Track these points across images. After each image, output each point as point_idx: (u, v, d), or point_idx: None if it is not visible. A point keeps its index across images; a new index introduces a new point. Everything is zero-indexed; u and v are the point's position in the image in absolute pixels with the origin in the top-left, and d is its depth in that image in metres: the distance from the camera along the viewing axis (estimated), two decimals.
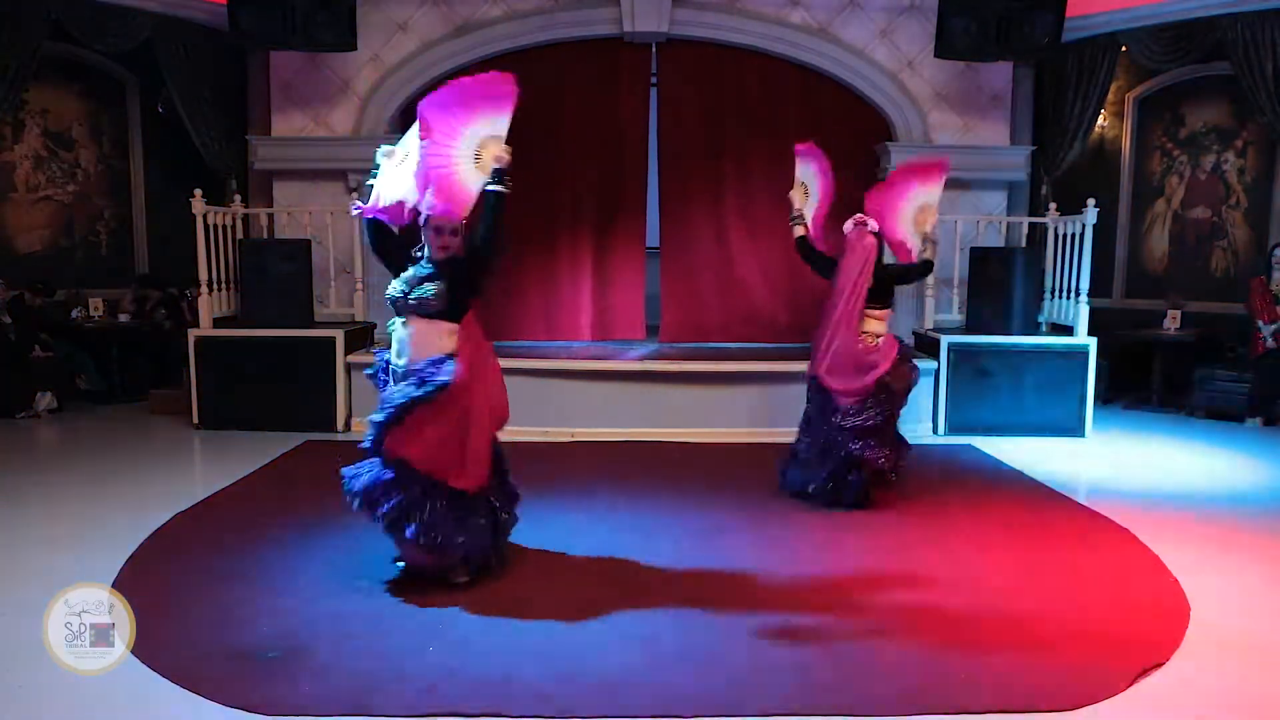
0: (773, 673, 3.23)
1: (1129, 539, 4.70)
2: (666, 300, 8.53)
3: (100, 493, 5.46)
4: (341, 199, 7.88)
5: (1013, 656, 3.36)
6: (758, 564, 4.30)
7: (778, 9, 8.08)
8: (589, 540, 4.56)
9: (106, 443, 6.84)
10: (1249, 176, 8.38)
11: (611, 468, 6.12)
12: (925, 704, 3.02)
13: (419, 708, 2.96)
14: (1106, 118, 8.93)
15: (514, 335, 8.07)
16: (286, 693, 3.05)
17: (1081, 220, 7.23)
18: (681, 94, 8.40)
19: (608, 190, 8.43)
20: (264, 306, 7.31)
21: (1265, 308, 7.53)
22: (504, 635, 3.49)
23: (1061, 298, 7.60)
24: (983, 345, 7.21)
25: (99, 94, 9.02)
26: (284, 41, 7.44)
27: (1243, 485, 5.88)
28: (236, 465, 5.98)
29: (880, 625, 3.64)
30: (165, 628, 3.47)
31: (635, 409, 6.99)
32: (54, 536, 4.64)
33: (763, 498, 5.25)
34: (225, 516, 5.00)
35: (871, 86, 8.16)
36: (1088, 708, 3.00)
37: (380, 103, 8.09)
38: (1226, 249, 8.55)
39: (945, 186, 8.18)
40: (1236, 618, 3.75)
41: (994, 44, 7.48)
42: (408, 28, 8.05)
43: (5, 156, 8.70)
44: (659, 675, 3.20)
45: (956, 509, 5.17)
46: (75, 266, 8.95)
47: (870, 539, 4.67)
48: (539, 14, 8.02)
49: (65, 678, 3.06)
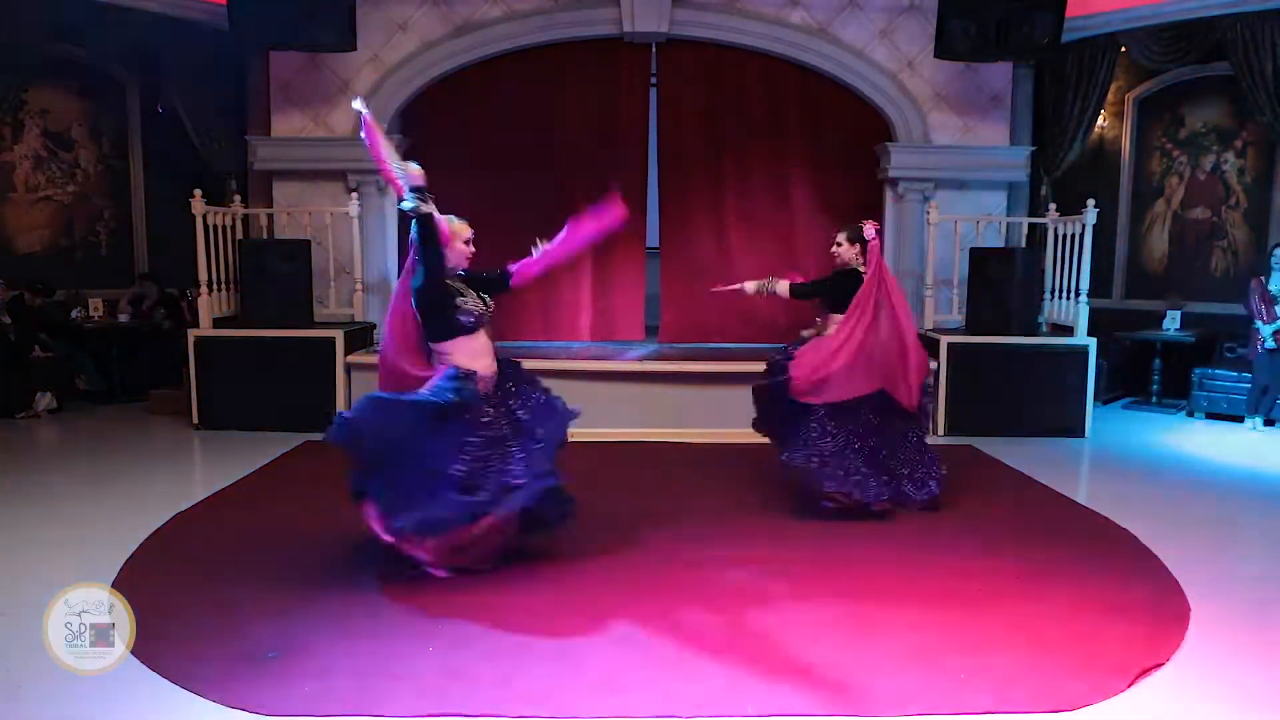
0: (773, 673, 3.23)
1: (1129, 539, 4.71)
2: (666, 300, 8.54)
3: (100, 493, 5.46)
4: (341, 199, 7.90)
5: (1013, 656, 3.36)
6: (757, 564, 4.29)
7: (777, 9, 8.08)
8: (588, 540, 4.56)
9: (106, 443, 6.84)
10: (1249, 177, 8.38)
11: (611, 468, 6.12)
12: (925, 704, 3.02)
13: (419, 708, 2.97)
14: (1106, 118, 8.94)
15: (513, 335, 8.07)
16: (286, 693, 3.05)
17: (1081, 220, 7.24)
18: (681, 94, 8.41)
19: (607, 190, 8.41)
20: (264, 307, 7.31)
21: (1265, 308, 7.52)
22: (504, 635, 3.49)
23: (1061, 298, 7.60)
24: (983, 345, 7.21)
25: (99, 94, 9.02)
26: (284, 41, 7.45)
27: (1243, 486, 5.88)
28: (236, 465, 5.98)
29: (880, 625, 3.64)
30: (165, 628, 3.47)
31: (635, 409, 6.99)
32: (54, 536, 4.63)
33: (762, 498, 5.25)
34: (225, 516, 5.00)
35: (871, 87, 8.17)
36: (1088, 708, 3.01)
37: (380, 103, 8.08)
38: (1226, 249, 8.56)
39: (945, 187, 8.30)
40: (1236, 618, 3.75)
41: (994, 44, 7.47)
42: (408, 28, 8.05)
43: (5, 156, 8.70)
44: (659, 675, 3.20)
45: (956, 509, 5.16)
46: (75, 266, 8.96)
47: (870, 539, 4.66)
48: (539, 14, 8.02)
49: (65, 678, 3.06)
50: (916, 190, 8.21)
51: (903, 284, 8.13)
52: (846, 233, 5.15)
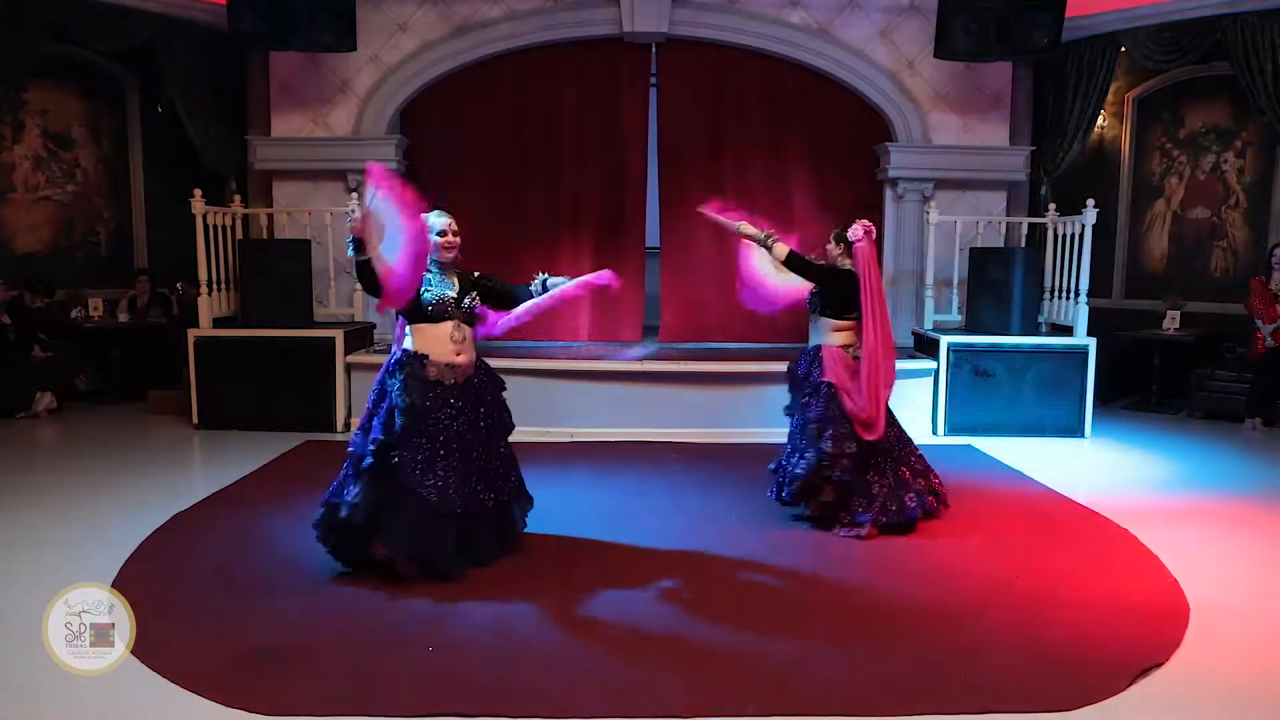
0: (773, 673, 3.23)
1: (1129, 539, 4.71)
2: (666, 300, 8.54)
3: (100, 493, 5.45)
4: (341, 199, 7.90)
5: (1013, 656, 3.36)
6: (757, 564, 4.30)
7: (777, 9, 8.08)
8: (588, 540, 4.56)
9: (106, 443, 6.84)
10: (1248, 177, 8.38)
11: (611, 468, 6.12)
12: (925, 704, 3.02)
13: (419, 708, 2.96)
14: (1106, 118, 8.93)
15: (514, 335, 8.05)
16: (286, 693, 3.05)
17: (1081, 220, 7.24)
18: (681, 94, 8.41)
19: (607, 190, 8.44)
20: (264, 307, 7.31)
21: (1265, 308, 7.52)
22: (503, 635, 3.49)
23: (1061, 298, 7.60)
24: (982, 345, 7.22)
25: (99, 94, 9.01)
26: (284, 42, 7.45)
27: (1243, 486, 5.87)
28: (236, 465, 5.98)
29: (880, 625, 3.64)
30: (165, 628, 3.47)
31: (635, 409, 6.99)
32: (54, 536, 4.63)
33: (762, 498, 5.24)
34: (225, 516, 4.99)
35: (871, 87, 8.17)
36: (1088, 708, 3.00)
37: (380, 103, 8.10)
38: (1226, 249, 8.55)
39: (945, 187, 8.29)
40: (1236, 618, 3.75)
41: (994, 44, 7.48)
42: (408, 28, 8.05)
43: (5, 156, 8.68)
44: (659, 675, 3.20)
45: (956, 509, 5.15)
46: (75, 266, 8.94)
47: (870, 539, 4.66)
48: (539, 14, 8.03)
49: (65, 678, 3.06)
50: (916, 190, 8.21)
51: (903, 284, 8.21)
52: (835, 230, 4.99)
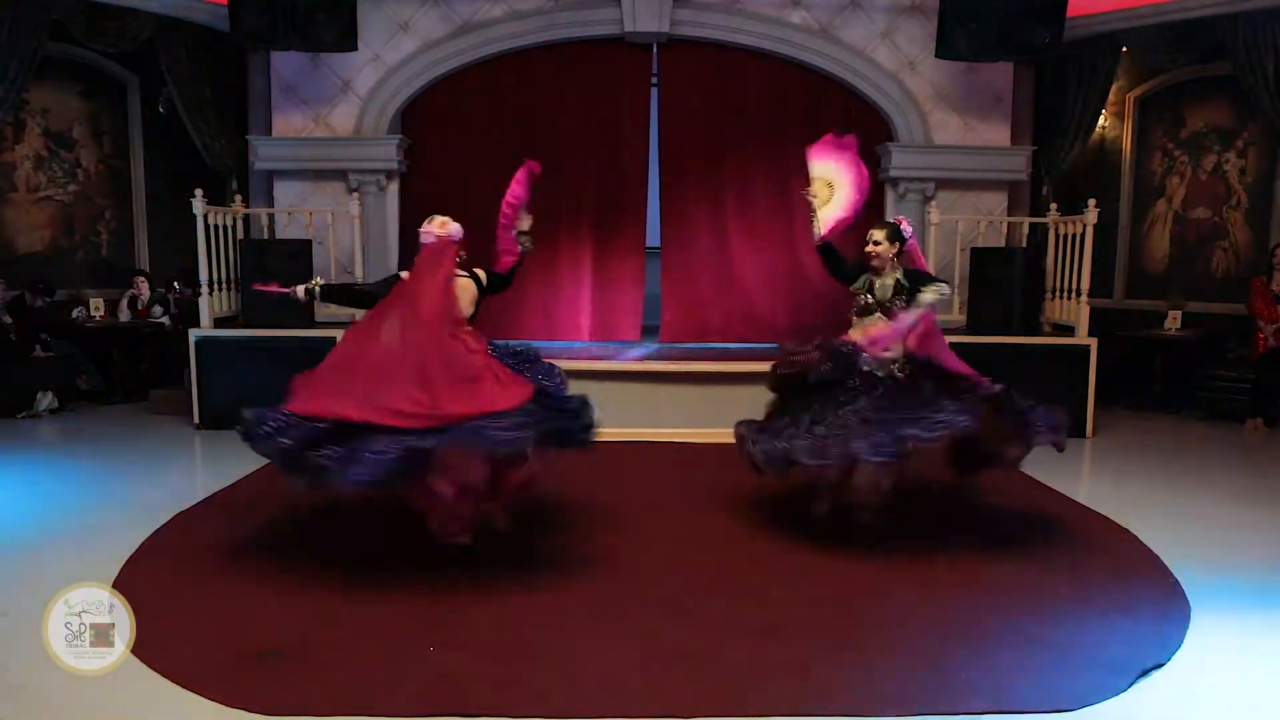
0: (773, 673, 3.22)
1: (1129, 539, 4.70)
2: (666, 300, 8.54)
3: (100, 493, 5.46)
4: (342, 199, 7.90)
5: (1013, 656, 3.36)
6: (757, 564, 4.30)
7: (778, 9, 8.08)
8: (588, 540, 4.56)
9: (106, 443, 6.84)
10: (1250, 177, 8.37)
11: (611, 468, 6.11)
12: (925, 704, 3.02)
13: (419, 708, 2.96)
14: (1107, 118, 8.93)
15: (513, 335, 8.06)
16: (286, 693, 3.05)
17: (1082, 220, 7.24)
18: (682, 94, 8.41)
19: (608, 190, 8.44)
20: (265, 307, 7.29)
21: (1266, 308, 7.52)
22: (504, 635, 3.49)
23: (1062, 298, 7.60)
24: (984, 345, 7.20)
25: (99, 94, 9.01)
26: (284, 41, 7.45)
27: (1243, 486, 5.87)
28: (236, 465, 5.96)
29: (880, 625, 3.64)
30: (165, 628, 3.46)
31: (635, 409, 6.99)
32: (54, 536, 4.63)
33: (762, 498, 5.24)
34: (225, 516, 4.99)
35: (872, 87, 8.16)
36: (1088, 708, 3.00)
37: (381, 103, 8.10)
38: (1227, 249, 8.54)
39: (947, 187, 8.29)
40: (1236, 618, 3.75)
41: (995, 44, 7.48)
42: (408, 28, 8.06)
43: (6, 156, 8.69)
44: (659, 675, 3.20)
45: (956, 509, 5.16)
46: (75, 266, 8.95)
47: (869, 539, 4.65)
48: (539, 14, 8.03)
49: (65, 678, 3.06)
50: (917, 190, 8.21)
51: None
52: (885, 230, 4.68)
